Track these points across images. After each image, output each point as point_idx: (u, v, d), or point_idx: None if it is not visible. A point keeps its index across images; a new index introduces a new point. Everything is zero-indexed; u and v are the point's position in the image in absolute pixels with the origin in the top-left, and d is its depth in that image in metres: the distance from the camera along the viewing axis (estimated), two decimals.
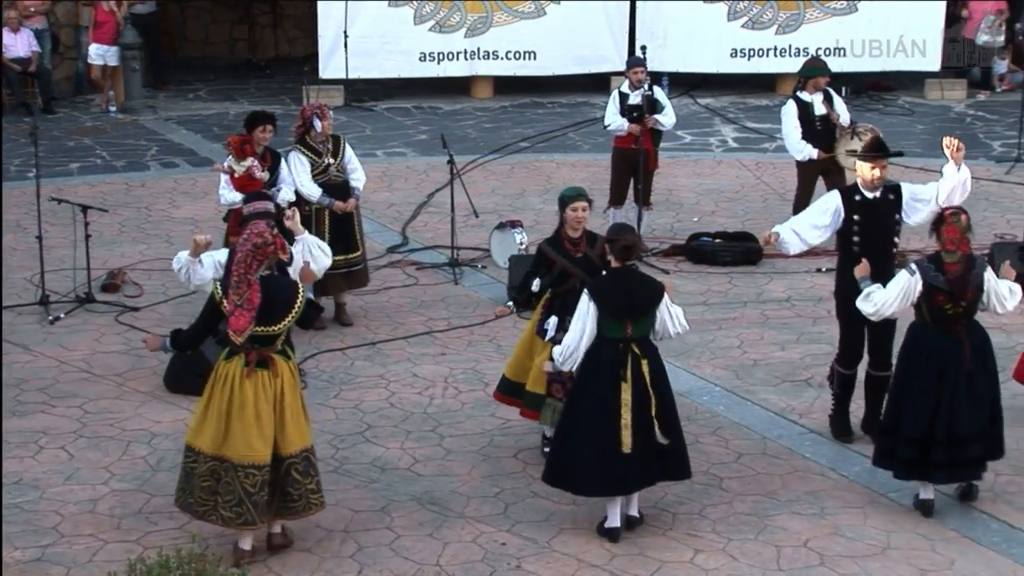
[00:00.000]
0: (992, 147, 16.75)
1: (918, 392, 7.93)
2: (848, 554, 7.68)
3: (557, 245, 8.60)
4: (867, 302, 8.09)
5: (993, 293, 7.98)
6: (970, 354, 7.89)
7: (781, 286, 12.05)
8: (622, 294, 7.72)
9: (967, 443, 7.89)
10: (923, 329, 8.01)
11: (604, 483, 7.76)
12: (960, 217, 7.91)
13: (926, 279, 7.85)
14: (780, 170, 15.10)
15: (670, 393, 7.90)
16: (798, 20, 19.35)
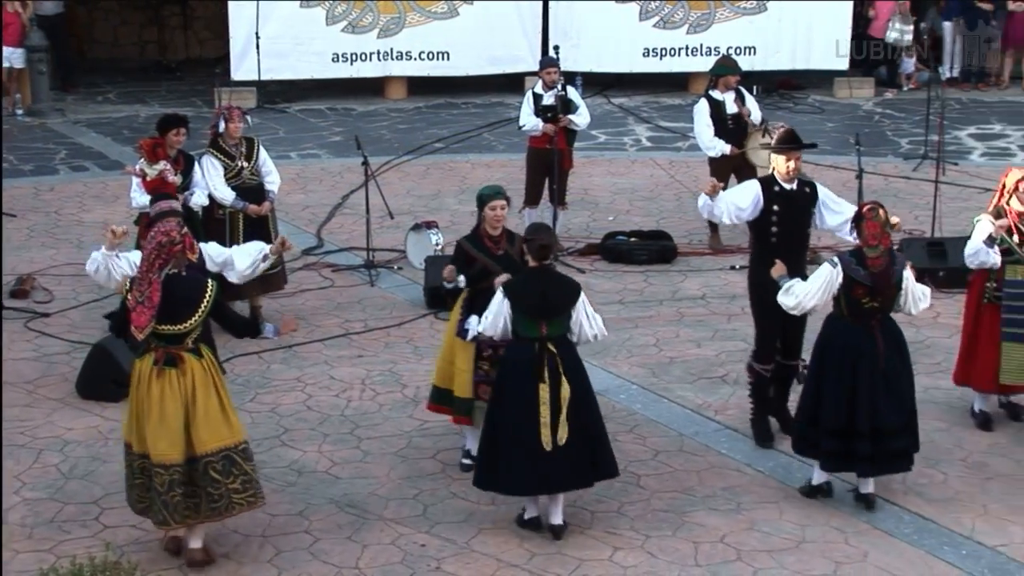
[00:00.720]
0: (900, 144, 17.00)
1: (833, 384, 8.04)
2: (764, 548, 7.76)
3: (477, 242, 8.59)
4: (788, 295, 8.18)
5: (910, 293, 8.10)
6: (884, 348, 8.01)
7: (696, 284, 12.14)
8: (537, 293, 7.74)
9: (891, 436, 8.01)
10: (839, 322, 8.13)
11: (530, 483, 7.78)
12: (879, 212, 8.05)
13: (847, 272, 7.97)
14: (694, 169, 15.22)
15: (590, 392, 7.93)
16: (709, 19, 19.52)
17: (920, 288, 8.18)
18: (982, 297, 9.10)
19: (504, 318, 7.79)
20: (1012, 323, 8.91)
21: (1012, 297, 8.91)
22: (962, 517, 8.04)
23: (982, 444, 8.96)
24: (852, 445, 7.99)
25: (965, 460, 8.76)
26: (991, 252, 8.85)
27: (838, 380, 8.02)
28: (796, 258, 8.70)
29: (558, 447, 7.66)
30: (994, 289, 9.01)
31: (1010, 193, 8.97)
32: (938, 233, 12.55)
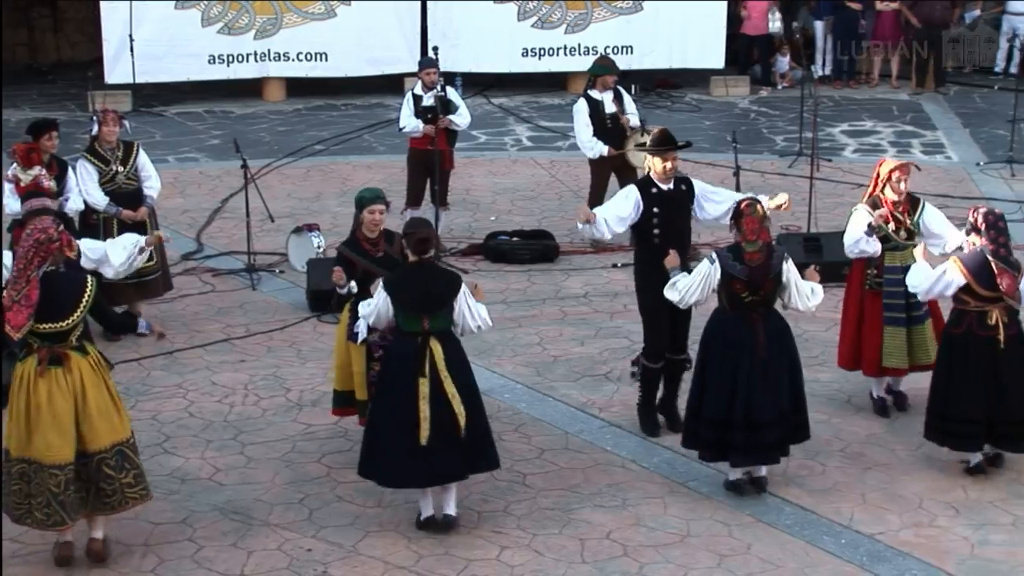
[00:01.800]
0: (775, 141, 17.27)
1: (715, 376, 8.17)
2: (650, 544, 7.83)
3: (355, 247, 8.57)
4: (673, 290, 8.31)
5: (794, 287, 8.23)
6: (765, 342, 8.14)
7: (578, 282, 12.22)
8: (418, 288, 7.75)
9: (764, 428, 8.13)
10: (722, 315, 8.25)
11: (408, 475, 7.78)
12: (756, 207, 8.18)
13: (724, 267, 8.08)
14: (574, 168, 15.30)
15: (474, 386, 7.95)
16: (586, 19, 19.64)
17: (808, 284, 8.32)
18: (863, 285, 9.30)
19: (386, 315, 7.79)
20: (892, 308, 9.13)
21: (892, 283, 9.12)
22: (841, 507, 8.20)
23: (860, 435, 9.15)
24: (728, 435, 8.12)
25: (844, 451, 8.93)
26: (870, 241, 9.05)
27: (719, 372, 8.15)
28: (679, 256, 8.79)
29: (435, 442, 7.66)
30: (875, 276, 9.22)
31: (884, 183, 9.17)
32: (814, 228, 12.77)
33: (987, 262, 8.20)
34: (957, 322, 8.37)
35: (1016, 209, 13.94)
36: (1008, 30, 20.76)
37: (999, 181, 15.24)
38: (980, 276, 8.19)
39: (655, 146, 8.92)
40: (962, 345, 8.34)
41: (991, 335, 8.27)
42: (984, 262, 8.20)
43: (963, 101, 19.64)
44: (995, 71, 21.10)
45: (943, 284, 8.28)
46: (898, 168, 9.12)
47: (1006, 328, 8.28)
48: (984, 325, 8.28)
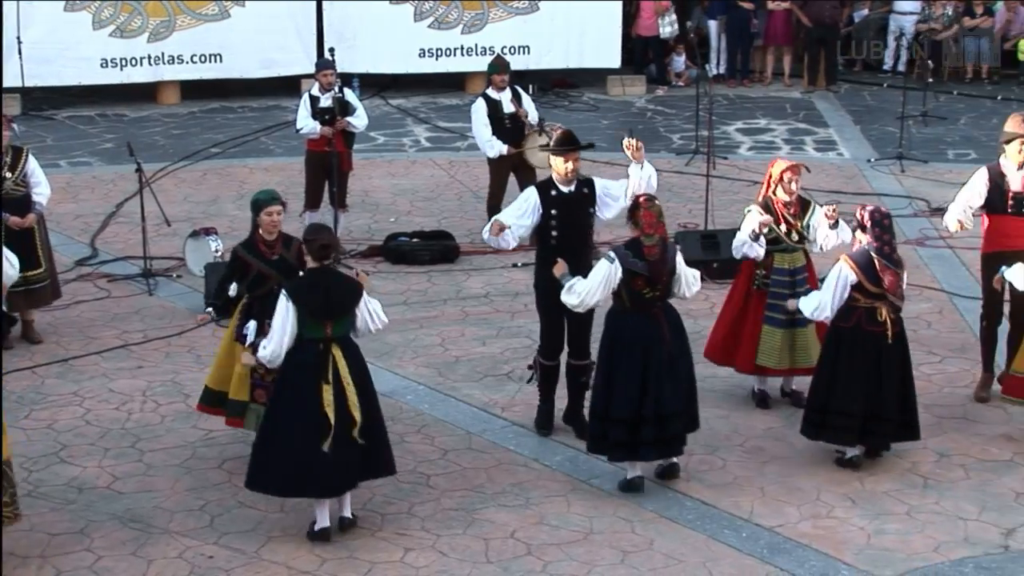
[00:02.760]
0: (672, 140, 17.43)
1: (625, 375, 8.20)
2: (553, 542, 7.86)
3: (252, 249, 8.54)
4: (571, 294, 8.30)
5: (683, 276, 8.33)
6: (669, 334, 8.22)
7: (479, 282, 12.23)
8: (320, 294, 7.70)
9: (671, 419, 8.23)
10: (623, 314, 8.28)
11: (308, 484, 7.72)
12: (654, 202, 8.26)
13: (625, 265, 8.13)
14: (473, 168, 15.32)
15: (373, 392, 7.92)
16: (483, 19, 19.67)
17: (690, 271, 8.41)
18: (751, 283, 9.41)
19: (291, 330, 7.69)
20: (774, 308, 9.24)
21: (778, 284, 9.24)
22: (741, 501, 8.29)
23: (758, 429, 9.26)
24: (638, 432, 8.18)
25: (743, 445, 9.03)
26: (755, 246, 9.17)
27: (630, 371, 8.19)
28: (579, 258, 8.82)
29: (337, 449, 7.62)
30: (763, 276, 9.33)
31: (776, 183, 9.28)
32: (711, 226, 12.91)
33: (872, 259, 8.35)
34: (846, 317, 8.50)
35: (906, 204, 14.22)
36: (895, 29, 21.16)
37: (890, 177, 15.53)
38: (868, 273, 8.35)
39: (558, 146, 8.93)
40: (850, 340, 8.47)
41: (879, 331, 8.42)
42: (871, 259, 8.36)
43: (854, 99, 19.99)
44: (884, 69, 21.51)
45: (840, 284, 8.40)
46: (789, 169, 9.23)
47: (893, 324, 8.44)
48: (873, 321, 8.43)
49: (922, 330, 10.64)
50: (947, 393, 9.59)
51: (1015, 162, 9.34)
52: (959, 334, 10.82)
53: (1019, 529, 7.92)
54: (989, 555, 7.67)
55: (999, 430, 9.17)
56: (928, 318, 11.07)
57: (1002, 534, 7.88)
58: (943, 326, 11.04)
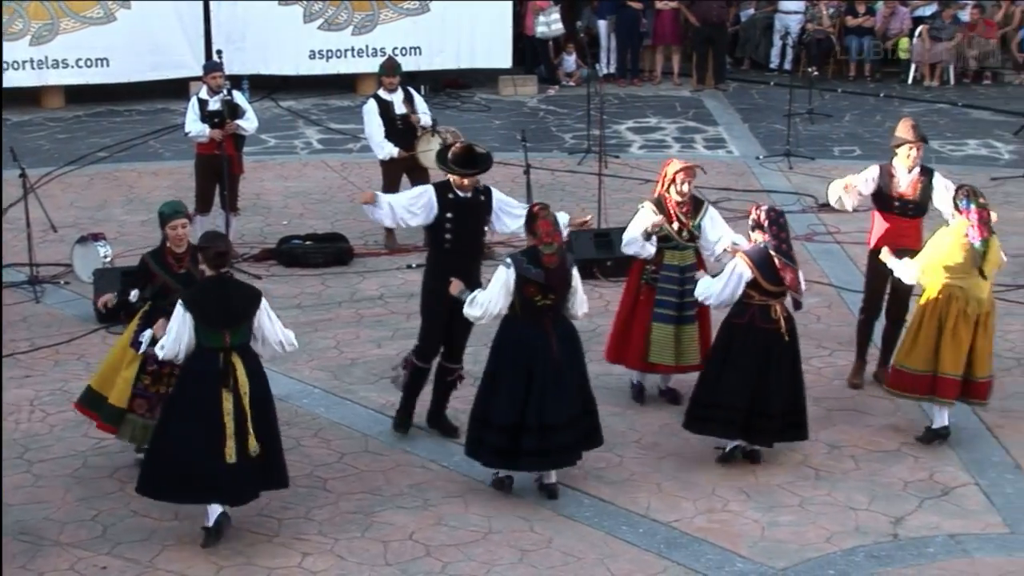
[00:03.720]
0: (564, 140, 17.51)
1: (509, 382, 8.19)
2: (452, 543, 7.86)
3: (160, 259, 8.48)
4: (474, 307, 8.26)
5: (579, 293, 8.33)
6: (557, 344, 8.21)
7: (374, 284, 12.19)
8: (218, 303, 7.63)
9: (556, 431, 8.17)
10: (514, 321, 8.28)
11: (207, 492, 7.67)
12: (548, 211, 8.29)
13: (520, 271, 8.13)
14: (366, 170, 15.26)
15: (271, 402, 7.86)
16: (373, 21, 19.60)
17: (583, 295, 8.43)
18: (641, 279, 9.49)
19: (187, 336, 7.61)
20: (664, 304, 9.33)
21: (667, 280, 9.32)
22: (638, 497, 8.36)
23: (654, 426, 9.34)
24: (519, 440, 8.13)
25: (639, 442, 9.10)
26: (645, 245, 9.26)
27: (513, 378, 8.17)
28: (470, 263, 8.82)
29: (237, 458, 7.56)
30: (652, 272, 9.40)
31: (669, 183, 9.36)
32: (604, 224, 12.98)
33: (770, 257, 8.47)
34: (740, 314, 8.61)
35: (794, 201, 14.42)
36: (781, 28, 21.46)
37: (778, 174, 15.75)
38: (764, 270, 8.46)
39: (458, 167, 8.85)
40: (742, 336, 8.58)
41: (772, 328, 8.54)
42: (768, 257, 8.47)
43: (742, 97, 20.24)
44: (770, 67, 21.82)
45: (735, 281, 8.51)
46: (683, 170, 9.31)
47: (787, 321, 8.57)
48: (767, 318, 8.54)
49: (812, 324, 10.81)
50: (837, 386, 9.75)
51: (905, 166, 9.54)
52: (848, 328, 11.00)
53: (907, 517, 8.09)
54: (879, 543, 7.82)
55: (887, 421, 9.35)
56: (817, 312, 11.25)
57: (891, 523, 8.04)
58: (832, 320, 11.23)
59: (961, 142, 17.36)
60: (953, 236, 8.81)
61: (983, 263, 8.73)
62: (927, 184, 9.57)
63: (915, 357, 8.92)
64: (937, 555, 7.69)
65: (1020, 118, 17.73)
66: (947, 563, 7.60)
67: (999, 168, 15.95)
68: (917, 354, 8.91)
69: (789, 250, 8.53)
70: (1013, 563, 7.55)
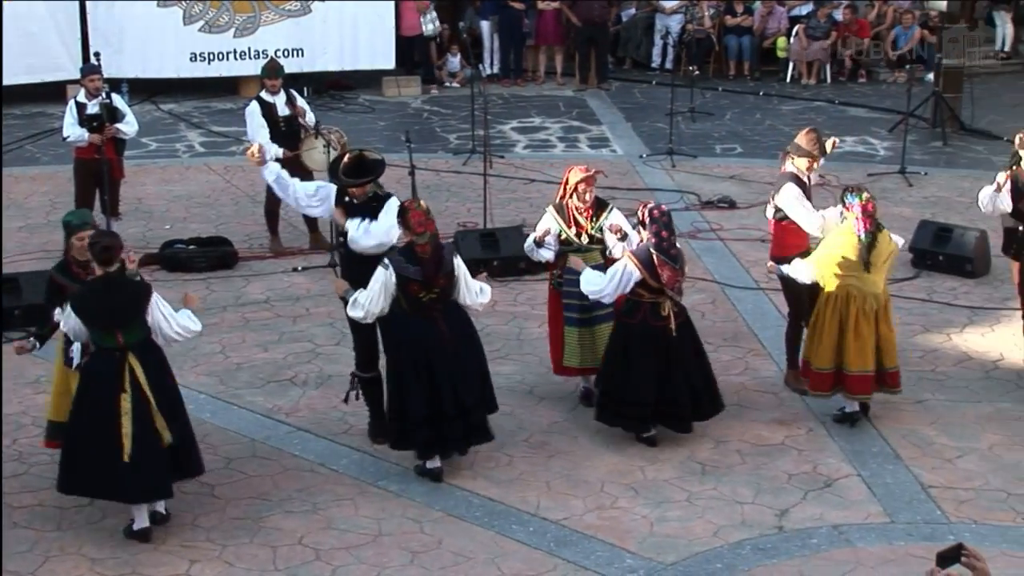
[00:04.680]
0: (449, 140, 17.51)
1: (412, 377, 8.22)
2: (342, 546, 7.83)
3: (66, 271, 8.34)
4: (355, 308, 8.31)
5: (463, 282, 8.37)
6: (450, 335, 8.27)
7: (259, 288, 12.08)
8: (104, 302, 7.54)
9: (471, 411, 8.38)
10: (404, 318, 8.29)
11: (109, 491, 7.67)
12: (418, 201, 8.31)
13: (399, 271, 8.13)
14: (249, 173, 15.07)
15: (177, 393, 7.85)
16: (255, 23, 19.43)
17: (478, 284, 8.49)
18: (552, 284, 9.56)
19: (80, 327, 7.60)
20: (570, 308, 9.38)
21: (570, 284, 9.36)
22: (528, 495, 8.40)
23: (543, 424, 9.38)
24: (443, 430, 8.26)
25: (528, 441, 9.14)
26: (538, 251, 9.34)
27: (416, 373, 8.23)
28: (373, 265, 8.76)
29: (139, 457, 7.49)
30: (557, 276, 9.46)
31: (571, 192, 9.40)
32: (490, 224, 13.01)
33: (652, 255, 8.57)
34: (631, 312, 8.72)
35: (678, 199, 14.58)
36: (662, 28, 21.68)
37: (661, 172, 15.91)
38: (650, 269, 8.56)
39: (349, 176, 8.82)
40: (638, 335, 8.71)
41: (663, 325, 8.66)
42: (651, 255, 8.58)
43: (624, 96, 20.42)
44: (652, 67, 22.04)
45: (624, 279, 8.61)
46: (584, 181, 9.33)
47: (676, 317, 8.68)
48: (657, 316, 8.67)
49: (697, 320, 10.88)
50: (722, 381, 9.83)
51: (803, 176, 9.63)
52: (731, 323, 11.18)
53: (792, 510, 8.22)
54: (765, 536, 7.94)
55: (771, 415, 9.50)
56: (702, 308, 11.39)
57: (776, 515, 8.17)
58: (717, 316, 11.37)
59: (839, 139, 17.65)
60: (844, 233, 9.00)
61: (870, 256, 8.91)
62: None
63: (821, 356, 9.09)
64: (821, 546, 7.83)
65: (895, 115, 18.11)
66: (830, 553, 7.75)
67: (875, 164, 16.29)
68: (823, 352, 9.07)
69: (670, 248, 8.63)
70: (894, 551, 7.72)
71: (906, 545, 7.77)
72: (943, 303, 11.63)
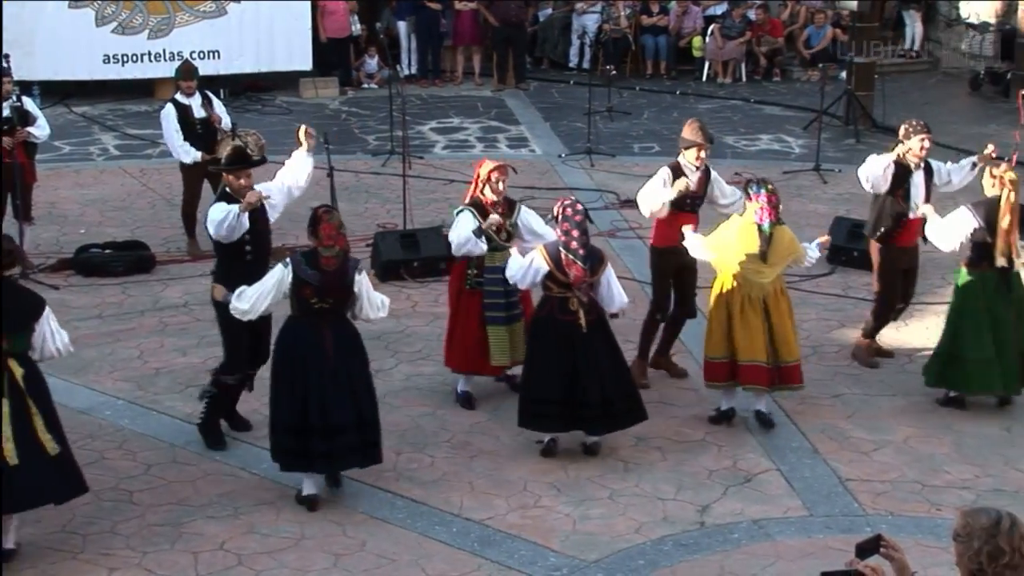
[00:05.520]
0: (368, 141, 17.47)
1: (287, 382, 8.12)
2: (264, 550, 7.77)
3: None
4: (241, 300, 8.19)
5: (365, 299, 8.26)
6: (333, 347, 8.11)
7: (177, 292, 11.97)
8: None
9: (344, 432, 8.11)
10: (292, 322, 8.22)
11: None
12: (334, 214, 8.22)
13: (296, 271, 8.07)
14: (166, 175, 14.96)
15: (52, 404, 7.66)
16: (169, 24, 19.26)
17: (379, 297, 8.38)
18: (463, 283, 9.52)
19: None
20: (492, 307, 9.39)
21: (492, 283, 9.38)
22: (451, 496, 8.39)
23: (465, 425, 9.39)
24: (307, 443, 8.07)
25: (450, 441, 9.14)
26: (478, 243, 9.27)
27: (291, 378, 8.11)
28: (263, 266, 8.68)
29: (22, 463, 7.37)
30: (475, 275, 9.44)
31: (484, 183, 9.41)
32: (410, 225, 12.99)
33: (560, 252, 8.62)
34: (541, 306, 8.76)
35: (597, 197, 14.66)
36: (579, 28, 21.79)
37: (580, 171, 15.99)
38: (558, 264, 8.60)
39: (229, 165, 8.74)
40: (544, 328, 8.71)
41: (572, 320, 8.67)
42: (559, 252, 8.62)
43: (543, 96, 20.49)
44: (570, 67, 22.14)
45: (532, 271, 8.65)
46: (496, 169, 9.37)
47: (586, 313, 8.71)
48: (565, 310, 8.68)
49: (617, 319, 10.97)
50: None
51: (693, 165, 9.78)
52: None
53: (713, 505, 8.30)
54: (687, 532, 8.00)
55: (691, 412, 9.58)
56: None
57: (697, 511, 8.24)
58: (637, 314, 11.41)
59: (754, 137, 17.88)
60: (743, 221, 9.11)
61: (768, 248, 9.01)
62: (707, 179, 9.87)
63: (712, 345, 9.21)
64: (742, 540, 7.90)
65: (809, 113, 18.34)
66: (751, 547, 7.83)
67: (791, 162, 16.48)
68: (714, 342, 9.20)
69: (580, 247, 8.64)
70: (813, 544, 7.81)
71: (824, 537, 7.88)
72: (858, 298, 11.79)
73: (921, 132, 9.96)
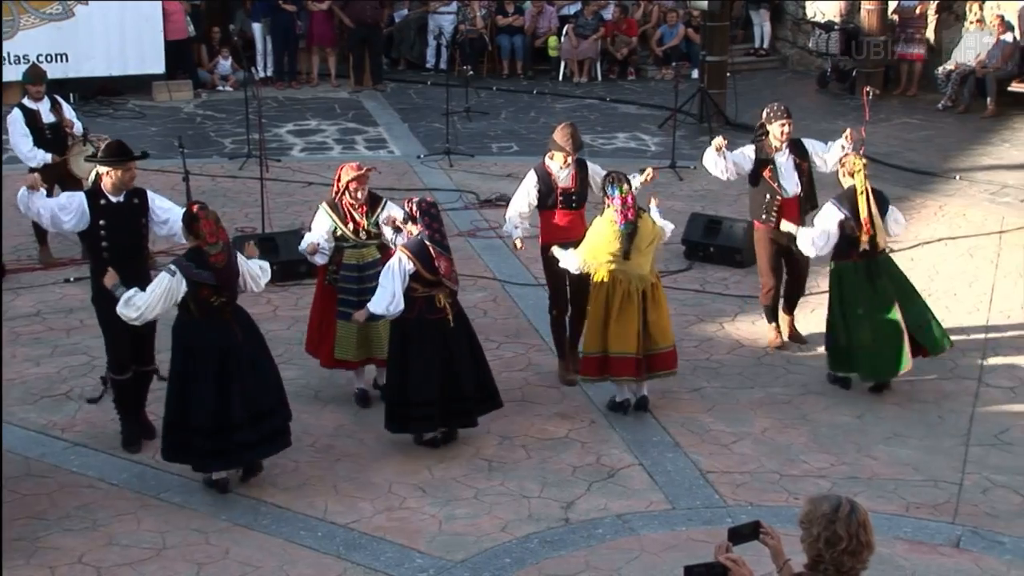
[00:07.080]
0: (224, 144, 17.26)
1: (204, 385, 8.05)
2: (125, 562, 7.63)
3: None
4: (129, 307, 8.06)
5: (247, 275, 8.32)
6: (243, 338, 8.17)
7: (30, 301, 11.69)
8: None
9: (267, 417, 8.22)
10: (194, 323, 8.14)
11: None
12: (208, 210, 8.16)
13: (189, 276, 7.97)
14: (14, 182, 14.36)
15: None
16: (14, 26, 18.78)
17: (256, 264, 8.47)
18: (325, 280, 9.53)
19: None
20: (345, 303, 9.39)
21: (347, 280, 9.40)
22: (315, 500, 8.34)
23: (329, 428, 9.33)
24: (230, 439, 8.08)
25: (313, 445, 9.08)
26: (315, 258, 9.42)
27: (208, 380, 8.06)
28: (133, 268, 8.59)
29: None
30: (333, 272, 9.46)
31: (344, 189, 9.40)
32: (269, 228, 12.87)
33: (427, 247, 8.62)
34: (408, 308, 8.72)
35: (456, 198, 14.68)
36: (435, 28, 21.79)
37: (439, 172, 15.99)
38: (424, 261, 8.60)
39: (107, 157, 8.66)
40: (416, 331, 8.70)
41: (441, 317, 8.70)
42: (424, 247, 8.62)
43: (400, 97, 20.45)
44: (427, 67, 22.12)
45: (401, 273, 8.61)
46: (355, 180, 9.36)
47: (452, 308, 8.75)
48: (433, 309, 8.70)
49: (479, 318, 11.02)
50: (505, 377, 9.97)
51: (559, 164, 9.87)
52: (513, 320, 11.31)
53: (578, 501, 8.37)
54: (552, 529, 8.06)
55: (554, 409, 9.65)
56: (484, 306, 11.49)
57: (562, 508, 8.30)
58: (499, 313, 11.49)
59: (611, 135, 18.06)
60: (606, 223, 9.24)
61: (631, 245, 9.16)
62: (583, 174, 9.96)
63: (588, 341, 9.36)
64: (606, 536, 7.98)
65: (664, 111, 18.57)
66: (616, 542, 7.91)
67: (647, 160, 16.64)
68: (590, 337, 9.34)
69: (443, 239, 8.69)
70: (676, 536, 7.92)
71: (687, 530, 7.99)
72: (715, 293, 11.99)
73: (782, 117, 10.31)
